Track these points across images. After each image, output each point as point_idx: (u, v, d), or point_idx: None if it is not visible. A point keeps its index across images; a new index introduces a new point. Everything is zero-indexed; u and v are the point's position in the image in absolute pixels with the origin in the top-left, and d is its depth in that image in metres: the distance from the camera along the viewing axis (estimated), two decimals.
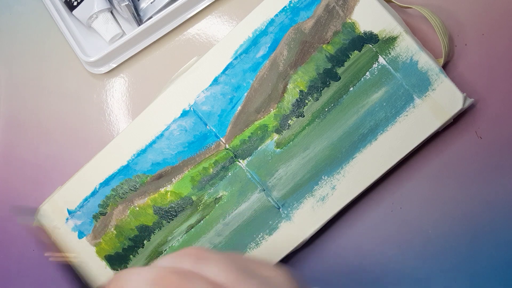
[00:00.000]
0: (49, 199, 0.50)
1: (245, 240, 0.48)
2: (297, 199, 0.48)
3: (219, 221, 0.49)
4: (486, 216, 0.50)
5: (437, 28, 0.49)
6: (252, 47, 0.49)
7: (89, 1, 0.53)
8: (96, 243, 0.50)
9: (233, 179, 0.49)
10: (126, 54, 0.54)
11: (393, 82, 0.48)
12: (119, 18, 0.56)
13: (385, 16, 0.48)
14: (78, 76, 0.56)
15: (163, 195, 0.49)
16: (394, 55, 0.48)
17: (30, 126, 0.56)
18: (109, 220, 0.50)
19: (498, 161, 0.50)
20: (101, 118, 0.55)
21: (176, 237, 0.49)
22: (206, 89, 0.49)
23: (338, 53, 0.48)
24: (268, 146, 0.49)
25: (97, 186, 0.50)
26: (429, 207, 0.50)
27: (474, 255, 0.50)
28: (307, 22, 0.49)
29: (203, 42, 0.55)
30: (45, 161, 0.55)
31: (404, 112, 0.47)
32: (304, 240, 0.48)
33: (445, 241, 0.50)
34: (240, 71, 0.49)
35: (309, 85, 0.49)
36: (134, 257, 0.50)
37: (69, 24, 0.55)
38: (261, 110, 0.49)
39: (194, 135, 0.49)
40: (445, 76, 0.47)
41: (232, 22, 0.55)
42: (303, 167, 0.48)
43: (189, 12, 0.54)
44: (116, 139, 0.50)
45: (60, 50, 0.56)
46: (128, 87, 0.55)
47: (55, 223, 0.50)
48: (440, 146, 0.51)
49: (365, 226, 0.51)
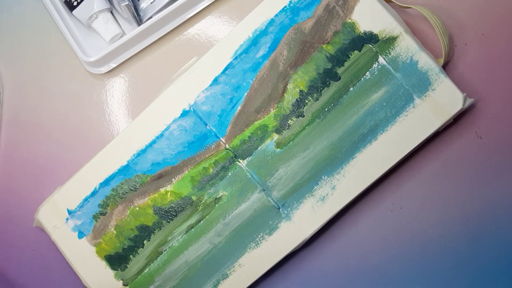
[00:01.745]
0: (49, 199, 0.50)
1: (245, 240, 0.48)
2: (297, 199, 0.48)
3: (219, 221, 0.49)
4: (486, 216, 0.50)
5: (437, 28, 0.49)
6: (252, 47, 0.49)
7: (89, 1, 0.53)
8: (96, 243, 0.50)
9: (233, 179, 0.49)
10: (126, 54, 0.54)
11: (393, 82, 0.48)
12: (119, 18, 0.56)
13: (385, 16, 0.48)
14: (78, 76, 0.56)
15: (163, 195, 0.49)
16: (394, 55, 0.48)
17: (30, 126, 0.56)
18: (109, 220, 0.50)
19: (498, 161, 0.50)
20: (101, 118, 0.55)
21: (176, 237, 0.49)
22: (206, 89, 0.49)
23: (338, 53, 0.48)
24: (268, 146, 0.49)
25: (97, 186, 0.50)
26: (429, 207, 0.50)
27: (474, 255, 0.50)
28: (307, 22, 0.49)
29: (203, 42, 0.55)
30: (45, 161, 0.55)
31: (404, 112, 0.47)
32: (304, 240, 0.48)
33: (445, 241, 0.50)
34: (240, 71, 0.49)
35: (309, 85, 0.49)
36: (134, 257, 0.50)
37: (69, 24, 0.55)
38: (261, 110, 0.49)
39: (194, 135, 0.49)
40: (445, 76, 0.47)
41: (232, 22, 0.55)
42: (303, 167, 0.48)
43: (189, 12, 0.54)
44: (116, 139, 0.50)
45: (60, 50, 0.56)
46: (128, 87, 0.55)
47: (55, 223, 0.50)
48: (440, 146, 0.51)
49: (365, 226, 0.51)
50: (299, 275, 0.51)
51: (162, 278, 0.49)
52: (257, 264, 0.48)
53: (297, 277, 0.51)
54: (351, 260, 0.51)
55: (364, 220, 0.51)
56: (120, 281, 0.50)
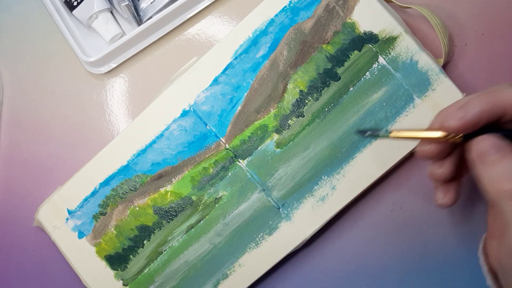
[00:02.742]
0: (49, 199, 0.50)
1: (245, 240, 0.48)
2: (297, 199, 0.48)
3: (219, 221, 0.49)
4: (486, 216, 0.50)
5: (437, 28, 0.49)
6: (252, 47, 0.49)
7: (89, 1, 0.53)
8: (96, 243, 0.50)
9: (233, 179, 0.49)
10: (126, 54, 0.54)
11: (393, 82, 0.48)
12: (119, 18, 0.56)
13: (385, 16, 0.48)
14: (78, 76, 0.56)
15: (163, 195, 0.49)
16: (394, 55, 0.48)
17: (30, 126, 0.56)
18: (109, 220, 0.50)
19: None
20: (101, 118, 0.55)
21: (176, 237, 0.49)
22: (206, 89, 0.49)
23: (338, 53, 0.48)
24: (268, 146, 0.49)
25: (97, 186, 0.50)
26: (429, 207, 0.50)
27: (474, 255, 0.50)
28: (307, 22, 0.49)
29: (203, 42, 0.55)
30: (45, 161, 0.55)
31: (404, 112, 0.47)
32: (304, 240, 0.48)
33: (445, 241, 0.50)
34: (240, 71, 0.49)
35: (309, 85, 0.49)
36: (134, 257, 0.50)
37: (69, 24, 0.55)
38: (261, 110, 0.49)
39: (194, 135, 0.49)
40: (445, 76, 0.47)
41: (232, 22, 0.55)
42: (303, 167, 0.48)
43: (189, 12, 0.54)
44: (116, 139, 0.50)
45: (60, 50, 0.56)
46: (128, 87, 0.55)
47: (55, 223, 0.50)
48: None
49: (365, 226, 0.51)
50: (299, 275, 0.51)
51: (162, 278, 0.49)
52: (257, 264, 0.48)
53: (297, 277, 0.51)
54: (351, 260, 0.51)
55: (364, 220, 0.51)
56: (120, 281, 0.50)
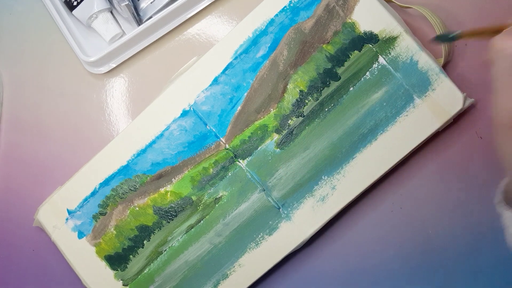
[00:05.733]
0: (49, 199, 0.50)
1: (245, 240, 0.48)
2: (297, 199, 0.48)
3: (219, 221, 0.49)
4: (486, 216, 0.50)
5: (437, 28, 0.49)
6: (252, 47, 0.49)
7: (89, 1, 0.53)
8: (96, 243, 0.50)
9: (233, 179, 0.49)
10: (126, 54, 0.54)
11: (393, 82, 0.48)
12: (119, 18, 0.56)
13: (385, 16, 0.48)
14: (78, 76, 0.56)
15: (163, 195, 0.49)
16: (394, 55, 0.48)
17: (30, 126, 0.56)
18: (109, 220, 0.50)
19: (498, 161, 0.50)
20: (101, 118, 0.55)
21: (176, 237, 0.49)
22: (206, 89, 0.49)
23: (338, 53, 0.48)
24: (268, 146, 0.49)
25: (97, 186, 0.50)
26: (429, 207, 0.50)
27: (474, 255, 0.50)
28: (307, 22, 0.49)
29: (203, 42, 0.55)
30: (45, 161, 0.55)
31: (404, 112, 0.47)
32: (304, 240, 0.48)
33: (445, 241, 0.50)
34: (240, 71, 0.49)
35: (309, 85, 0.49)
36: (134, 257, 0.50)
37: (69, 24, 0.55)
38: (261, 110, 0.49)
39: (194, 135, 0.49)
40: (445, 76, 0.47)
41: (232, 22, 0.55)
42: (303, 167, 0.48)
43: (189, 12, 0.54)
44: (116, 139, 0.50)
45: (60, 50, 0.56)
46: (128, 87, 0.55)
47: (55, 223, 0.50)
48: (440, 146, 0.51)
49: (365, 226, 0.51)
50: (299, 275, 0.51)
51: (162, 278, 0.49)
52: (257, 264, 0.48)
53: (297, 277, 0.51)
54: (351, 260, 0.51)
55: (364, 220, 0.51)
56: (120, 281, 0.50)
